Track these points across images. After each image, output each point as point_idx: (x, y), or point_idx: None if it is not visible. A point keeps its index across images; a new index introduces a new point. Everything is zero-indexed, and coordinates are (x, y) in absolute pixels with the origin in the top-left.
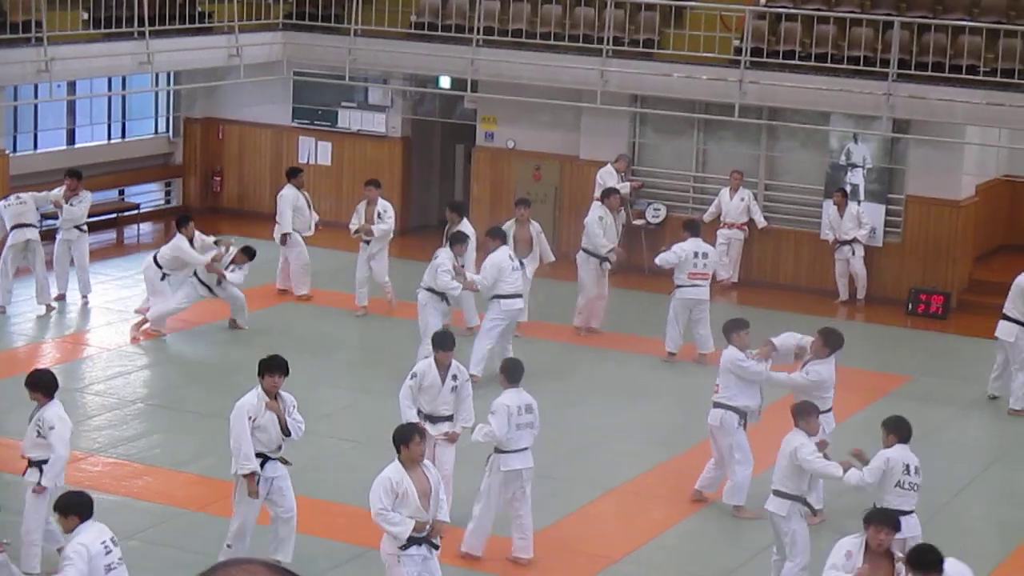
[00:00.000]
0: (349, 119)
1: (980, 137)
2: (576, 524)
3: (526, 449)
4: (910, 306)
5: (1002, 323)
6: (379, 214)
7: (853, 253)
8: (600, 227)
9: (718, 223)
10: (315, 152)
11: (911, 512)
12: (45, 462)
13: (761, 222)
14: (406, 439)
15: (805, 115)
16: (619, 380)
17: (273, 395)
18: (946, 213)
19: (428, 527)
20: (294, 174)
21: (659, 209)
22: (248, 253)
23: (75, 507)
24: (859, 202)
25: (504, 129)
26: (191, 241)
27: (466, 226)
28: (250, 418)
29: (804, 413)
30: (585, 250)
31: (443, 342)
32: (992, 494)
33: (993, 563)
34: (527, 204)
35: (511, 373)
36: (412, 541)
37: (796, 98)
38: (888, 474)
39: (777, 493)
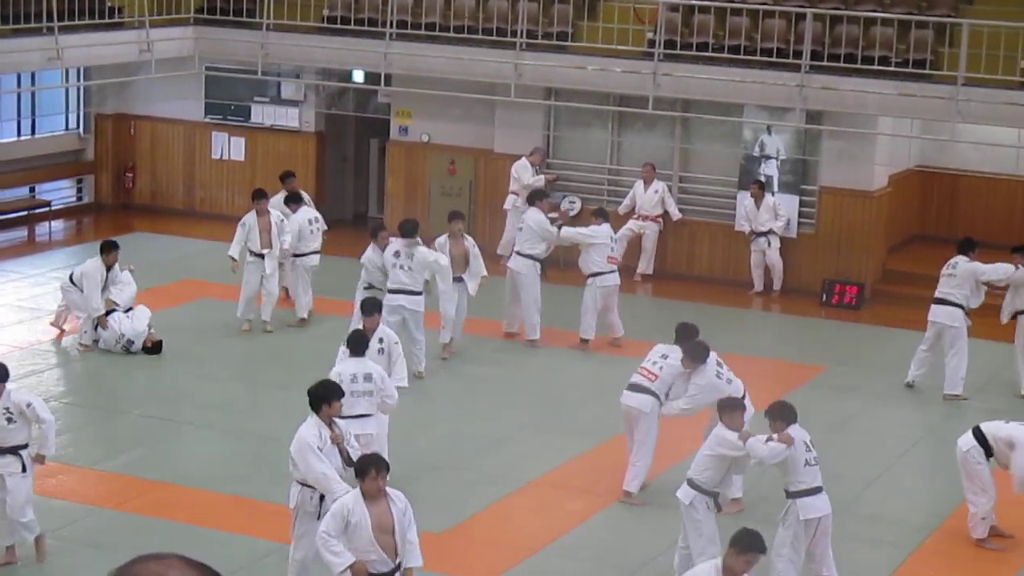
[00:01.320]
0: (262, 114)
1: (892, 128)
2: (493, 517)
3: (365, 416)
4: (824, 296)
5: (943, 308)
6: (274, 224)
7: (769, 244)
8: (548, 224)
9: (633, 215)
10: (228, 148)
11: (822, 489)
12: (22, 447)
13: (676, 214)
14: (363, 473)
15: (719, 107)
16: (533, 372)
17: (329, 423)
18: (859, 204)
19: (394, 571)
20: (284, 179)
21: (574, 202)
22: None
23: None
24: (773, 193)
25: (418, 123)
26: (109, 269)
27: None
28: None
29: (728, 409)
30: (521, 254)
31: (366, 309)
32: (907, 482)
33: (907, 551)
34: (461, 217)
35: (353, 343)
36: None
37: (709, 90)
38: (794, 455)
39: (689, 482)
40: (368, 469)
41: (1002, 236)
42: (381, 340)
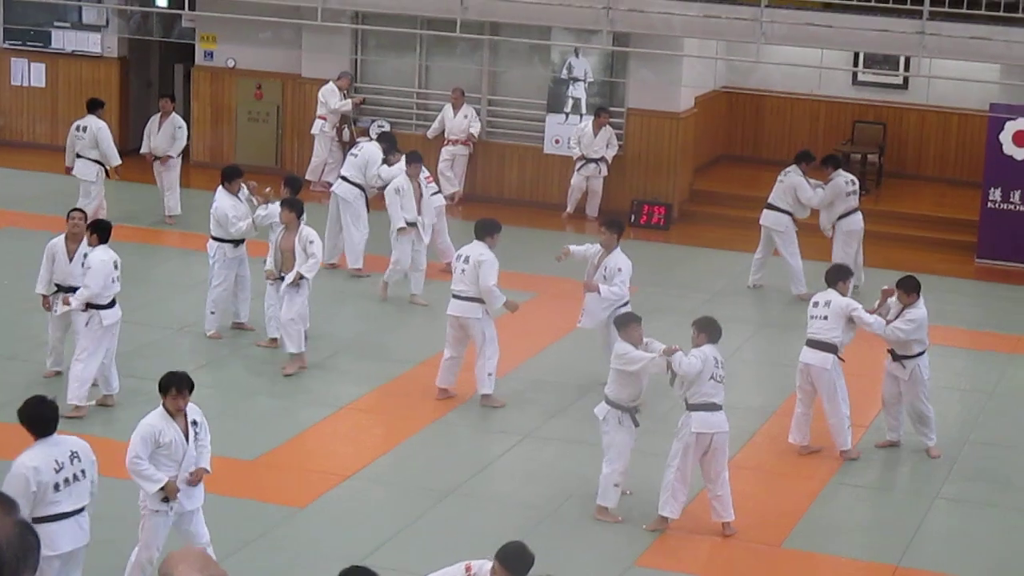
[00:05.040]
0: (63, 39)
1: (698, 49)
2: (305, 443)
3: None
4: (633, 217)
5: (771, 212)
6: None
7: (599, 172)
8: (377, 175)
9: (442, 139)
10: (28, 74)
11: (721, 407)
12: None
13: (484, 137)
14: (164, 390)
15: (526, 30)
16: (345, 297)
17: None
18: (666, 125)
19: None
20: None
21: (383, 126)
22: None
23: None
24: (581, 115)
25: (224, 48)
26: None
27: None
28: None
29: (623, 324)
30: (349, 181)
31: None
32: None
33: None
34: (292, 207)
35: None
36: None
37: (517, 13)
38: (705, 367)
39: (606, 399)
40: (169, 387)
41: None
42: (85, 255)
